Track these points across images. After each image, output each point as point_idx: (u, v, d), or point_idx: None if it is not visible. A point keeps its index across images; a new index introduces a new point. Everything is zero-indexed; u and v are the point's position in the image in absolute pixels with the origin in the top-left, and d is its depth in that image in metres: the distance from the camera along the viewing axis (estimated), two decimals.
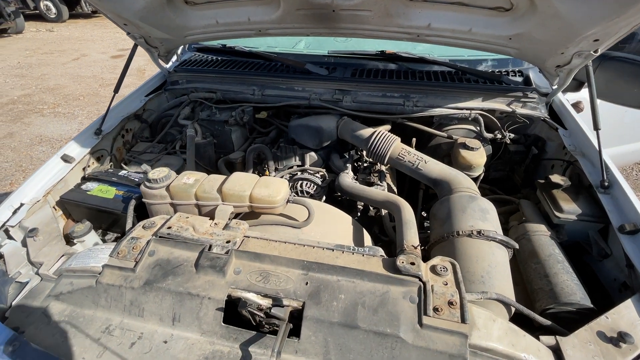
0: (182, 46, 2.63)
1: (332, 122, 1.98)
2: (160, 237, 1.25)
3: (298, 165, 2.11)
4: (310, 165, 2.09)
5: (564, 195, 1.56)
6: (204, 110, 2.23)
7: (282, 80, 2.12)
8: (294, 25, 1.81)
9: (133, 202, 1.52)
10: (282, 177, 2.02)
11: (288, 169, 2.10)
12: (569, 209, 1.49)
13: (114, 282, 1.16)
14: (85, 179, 1.78)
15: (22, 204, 1.56)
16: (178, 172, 1.95)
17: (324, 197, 1.98)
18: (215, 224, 1.30)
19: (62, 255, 1.40)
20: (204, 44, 2.55)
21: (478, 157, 1.82)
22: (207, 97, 2.24)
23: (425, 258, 1.43)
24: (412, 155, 1.76)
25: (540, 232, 1.49)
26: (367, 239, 1.60)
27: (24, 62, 9.48)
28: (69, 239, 1.56)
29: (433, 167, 1.71)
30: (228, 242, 1.22)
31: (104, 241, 1.67)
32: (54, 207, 1.70)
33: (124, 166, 1.96)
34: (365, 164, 2.10)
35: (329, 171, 2.08)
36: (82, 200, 1.64)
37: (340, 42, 2.46)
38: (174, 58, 2.55)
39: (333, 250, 1.22)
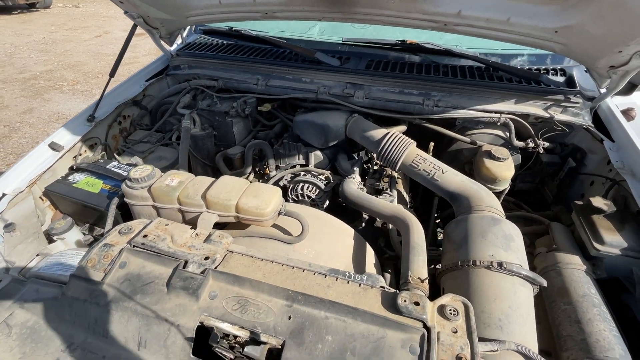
0: (188, 28, 2.46)
1: (341, 119, 1.78)
2: (134, 246, 1.12)
3: (301, 165, 1.93)
4: (314, 165, 1.91)
5: (607, 223, 1.32)
6: (205, 100, 2.07)
7: (289, 69, 1.92)
8: (303, 8, 1.60)
9: (115, 201, 1.39)
10: (282, 177, 1.85)
11: (290, 168, 1.92)
12: (612, 241, 1.26)
13: (79, 296, 1.04)
14: (73, 170, 1.67)
15: (3, 194, 1.46)
16: (171, 166, 1.83)
17: (327, 202, 1.81)
18: (197, 234, 1.16)
19: (37, 255, 1.31)
20: (210, 26, 2.37)
21: (505, 169, 1.58)
22: (208, 85, 2.08)
23: (434, 286, 1.25)
24: (428, 163, 1.55)
25: (573, 265, 1.27)
26: (371, 256, 1.43)
27: (49, 38, 9.60)
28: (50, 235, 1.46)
29: (451, 178, 1.50)
30: (207, 258, 1.07)
31: (92, 241, 1.57)
32: (40, 198, 1.61)
33: (116, 157, 1.84)
34: (375, 167, 1.90)
35: (334, 173, 1.90)
36: (67, 193, 1.53)
37: (357, 28, 2.22)
38: (179, 40, 2.38)
39: (326, 276, 1.05)
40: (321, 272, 1.06)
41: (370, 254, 1.43)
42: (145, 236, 1.15)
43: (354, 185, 1.61)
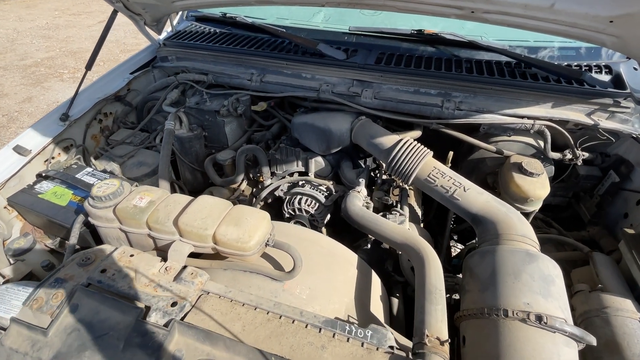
0: (179, 14, 2.22)
1: (346, 123, 1.55)
2: (88, 284, 0.92)
3: (300, 173, 1.71)
4: (315, 173, 1.69)
5: None
6: (194, 96, 1.85)
7: (287, 63, 1.68)
8: None
9: (80, 220, 1.20)
10: (278, 187, 1.63)
11: (287, 175, 1.71)
12: None
13: (18, 347, 0.85)
14: (40, 177, 1.47)
15: None
16: (153, 173, 1.63)
17: (328, 216, 1.59)
18: (166, 269, 0.96)
19: None
20: (202, 13, 2.13)
21: (539, 187, 1.34)
22: (197, 79, 1.85)
23: (452, 328, 1.04)
24: (446, 179, 1.31)
25: (626, 313, 1.04)
26: (377, 287, 1.22)
27: (52, 23, 9.42)
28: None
29: (475, 198, 1.26)
30: (174, 304, 0.87)
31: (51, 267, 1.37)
32: (6, 208, 1.42)
33: (93, 161, 1.65)
34: (383, 176, 1.67)
35: (337, 182, 1.68)
36: (30, 205, 1.34)
37: (367, 15, 1.95)
38: (169, 28, 2.15)
39: (320, 330, 0.85)
40: (315, 324, 0.86)
41: (376, 285, 1.22)
42: (103, 271, 0.95)
43: (358, 201, 1.39)
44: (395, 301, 1.40)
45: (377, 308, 1.15)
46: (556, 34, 1.31)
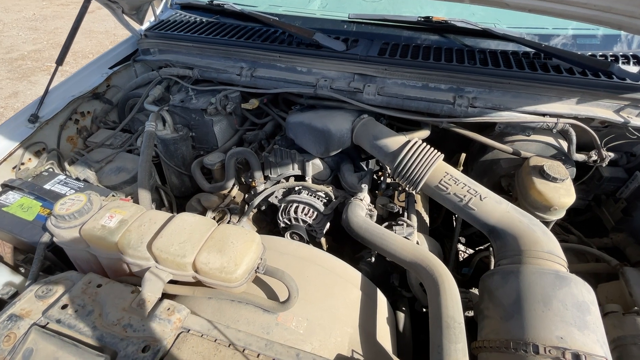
0: (163, 2, 2.03)
1: (346, 122, 1.39)
2: (46, 324, 0.78)
3: (296, 177, 1.56)
4: (313, 177, 1.54)
5: None
6: (179, 93, 1.69)
7: (280, 55, 1.51)
8: None
9: (45, 240, 1.05)
10: (272, 193, 1.49)
11: (283, 180, 1.56)
12: None
13: None
14: (6, 187, 1.32)
15: None
16: (134, 180, 1.47)
17: (328, 225, 1.45)
18: (139, 303, 0.82)
19: None
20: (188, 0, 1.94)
21: (563, 194, 1.19)
22: (182, 74, 1.68)
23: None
24: (460, 185, 1.17)
25: None
26: (383, 308, 1.09)
27: (39, 14, 9.11)
28: None
29: (492, 208, 1.12)
30: (146, 348, 0.74)
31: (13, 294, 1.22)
32: None
33: (67, 167, 1.49)
34: (387, 180, 1.53)
35: (337, 186, 1.53)
36: None
37: (368, 2, 1.78)
38: (153, 18, 1.97)
39: None
40: None
41: (382, 307, 1.09)
42: (64, 307, 0.81)
43: (361, 211, 1.24)
44: (402, 316, 1.27)
45: (383, 334, 1.02)
46: (585, 21, 1.15)
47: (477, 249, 1.99)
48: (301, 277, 1.00)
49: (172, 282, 0.90)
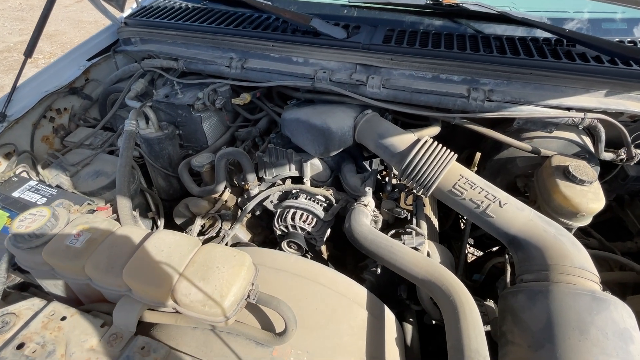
0: None
1: (347, 119, 1.25)
2: None
3: (293, 178, 1.43)
4: (311, 179, 1.41)
5: None
6: (164, 87, 1.54)
7: (274, 44, 1.36)
8: None
9: (6, 259, 0.92)
10: (267, 198, 1.36)
11: (279, 182, 1.43)
12: None
13: None
14: None
15: None
16: (114, 185, 1.34)
17: (328, 232, 1.33)
18: (109, 339, 0.69)
19: None
20: None
21: (592, 199, 1.07)
22: (166, 67, 1.53)
23: None
24: (477, 190, 1.04)
25: None
26: (391, 328, 0.97)
27: (26, 4, 8.80)
28: None
29: (514, 215, 0.99)
30: None
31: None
32: None
33: (41, 171, 1.35)
34: (393, 180, 1.40)
35: (338, 188, 1.40)
36: None
37: None
38: (134, 4, 1.80)
39: None
40: None
41: (390, 327, 0.98)
42: (21, 346, 0.68)
43: (366, 218, 1.12)
44: (409, 328, 1.16)
45: (392, 357, 0.91)
46: (619, 1, 1.01)
47: (487, 251, 1.88)
48: (300, 299, 0.88)
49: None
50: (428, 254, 1.13)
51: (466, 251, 1.59)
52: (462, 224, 2.03)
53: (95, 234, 0.81)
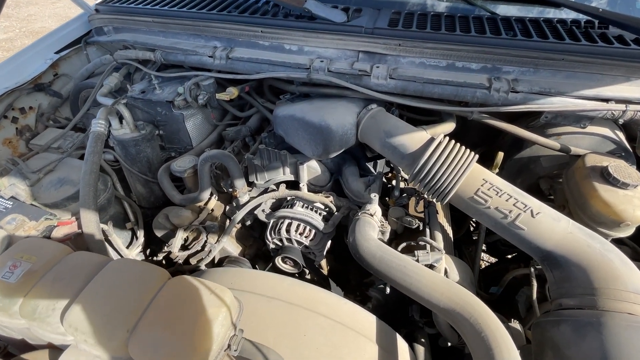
0: None
1: (349, 115, 1.08)
2: None
3: (288, 184, 1.27)
4: (308, 183, 1.25)
5: None
6: (141, 82, 1.36)
7: (263, 30, 1.19)
8: None
9: None
10: (258, 206, 1.19)
11: (272, 187, 1.26)
12: None
13: None
14: None
15: None
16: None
17: (329, 244, 1.16)
18: None
19: None
20: None
21: (638, 205, 0.91)
22: (142, 58, 1.35)
23: None
24: (504, 197, 0.88)
25: None
26: (405, 358, 0.82)
27: (12, 0, 8.56)
28: None
29: (549, 227, 0.84)
30: None
31: None
32: None
33: (0, 179, 1.18)
34: (401, 184, 1.24)
35: (339, 193, 1.24)
36: None
37: None
38: None
39: None
40: None
41: (404, 357, 0.82)
42: None
43: (373, 231, 0.95)
44: (421, 350, 1.01)
45: None
46: None
47: (503, 258, 1.73)
48: (297, 336, 0.72)
49: None
50: (445, 271, 0.98)
51: (480, 260, 1.44)
52: (471, 226, 1.87)
53: (36, 265, 0.64)
